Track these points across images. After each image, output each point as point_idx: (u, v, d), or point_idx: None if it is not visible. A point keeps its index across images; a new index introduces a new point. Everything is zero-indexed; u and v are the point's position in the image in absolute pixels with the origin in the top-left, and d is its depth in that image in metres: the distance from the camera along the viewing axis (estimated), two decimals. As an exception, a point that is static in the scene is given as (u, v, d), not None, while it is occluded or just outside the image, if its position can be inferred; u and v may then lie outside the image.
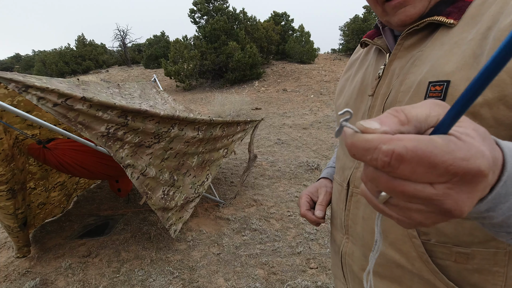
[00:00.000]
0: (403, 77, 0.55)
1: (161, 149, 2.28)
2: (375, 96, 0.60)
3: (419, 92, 0.50)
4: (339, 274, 0.75)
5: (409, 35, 0.56)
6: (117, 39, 29.87)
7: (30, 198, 2.61)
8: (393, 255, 0.56)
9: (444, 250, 0.50)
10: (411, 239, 0.52)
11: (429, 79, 0.49)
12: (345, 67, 0.81)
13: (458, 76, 0.46)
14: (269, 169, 4.39)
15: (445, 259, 0.51)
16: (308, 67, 16.64)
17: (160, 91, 4.01)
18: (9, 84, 1.57)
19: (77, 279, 2.21)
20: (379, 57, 0.65)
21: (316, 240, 2.57)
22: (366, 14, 20.48)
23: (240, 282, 2.11)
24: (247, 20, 17.05)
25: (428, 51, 0.53)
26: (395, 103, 0.55)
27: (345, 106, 0.69)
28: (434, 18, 0.52)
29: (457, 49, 0.48)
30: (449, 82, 0.47)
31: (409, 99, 0.52)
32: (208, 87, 15.58)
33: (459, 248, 0.49)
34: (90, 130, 1.83)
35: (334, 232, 0.76)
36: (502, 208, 0.31)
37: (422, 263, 0.52)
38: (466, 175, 0.22)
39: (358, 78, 0.69)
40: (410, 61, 0.55)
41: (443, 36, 0.52)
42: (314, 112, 9.10)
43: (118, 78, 19.67)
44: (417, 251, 0.52)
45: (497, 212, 0.31)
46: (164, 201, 2.29)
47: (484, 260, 0.48)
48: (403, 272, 0.55)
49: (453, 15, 0.51)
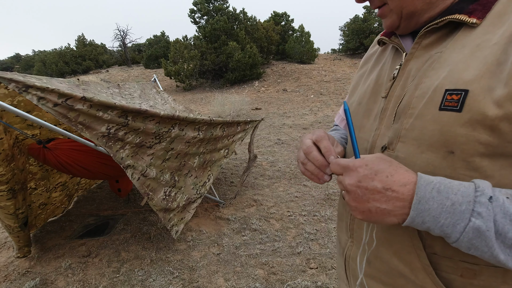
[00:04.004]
0: (418, 80, 0.51)
1: (162, 149, 2.28)
2: (388, 99, 0.57)
3: (434, 100, 0.46)
4: (342, 276, 0.75)
5: (428, 33, 0.52)
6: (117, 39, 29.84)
7: (31, 198, 2.61)
8: (396, 264, 0.55)
9: (450, 264, 0.49)
10: (416, 251, 0.51)
11: (446, 86, 0.45)
12: (360, 62, 0.76)
13: (478, 85, 0.42)
14: (269, 169, 4.39)
15: (451, 273, 0.49)
16: (308, 67, 16.63)
17: (160, 91, 4.01)
18: (9, 84, 1.57)
19: (77, 279, 2.21)
20: (395, 56, 0.61)
21: (316, 240, 2.57)
22: (366, 14, 20.46)
23: (240, 282, 2.12)
24: (247, 20, 17.04)
25: (447, 53, 0.48)
26: (408, 108, 0.51)
27: (358, 106, 0.66)
28: (454, 16, 0.47)
29: (479, 53, 0.43)
30: (468, 91, 0.42)
31: (423, 107, 0.48)
32: (208, 87, 15.58)
33: (466, 264, 0.47)
34: (91, 130, 1.83)
35: (340, 234, 0.75)
36: (430, 220, 0.42)
37: (425, 275, 0.51)
38: (345, 168, 0.49)
39: (373, 77, 0.65)
40: (427, 62, 0.51)
41: (465, 37, 0.47)
42: (314, 112, 9.10)
43: (118, 78, 19.66)
44: (421, 262, 0.51)
45: (429, 224, 0.42)
46: (166, 202, 2.29)
47: (492, 278, 0.47)
48: (406, 282, 0.54)
49: (476, 14, 0.46)
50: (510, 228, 0.38)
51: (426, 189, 0.42)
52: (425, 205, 0.42)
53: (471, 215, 0.39)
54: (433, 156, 0.47)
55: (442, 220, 0.41)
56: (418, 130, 0.49)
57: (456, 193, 0.41)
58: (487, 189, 0.40)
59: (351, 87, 0.75)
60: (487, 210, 0.39)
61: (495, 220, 0.39)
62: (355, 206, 0.47)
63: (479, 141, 0.42)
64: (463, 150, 0.43)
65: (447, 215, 0.41)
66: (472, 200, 0.40)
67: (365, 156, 0.48)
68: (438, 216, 0.41)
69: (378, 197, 0.44)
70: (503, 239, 0.39)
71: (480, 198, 0.39)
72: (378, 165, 0.45)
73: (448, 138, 0.44)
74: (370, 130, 0.60)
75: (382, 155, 0.47)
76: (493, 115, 0.40)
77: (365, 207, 0.46)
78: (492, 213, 0.39)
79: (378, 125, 0.58)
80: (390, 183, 0.44)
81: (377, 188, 0.44)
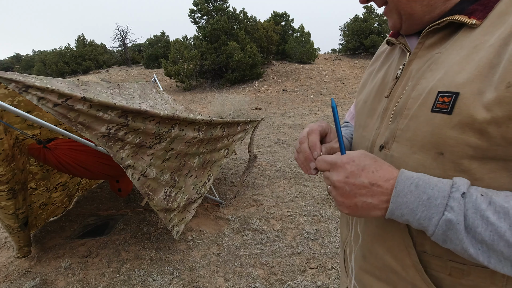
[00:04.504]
0: (416, 81, 0.51)
1: (162, 149, 2.28)
2: (390, 98, 0.57)
3: (428, 102, 0.47)
4: (343, 269, 0.77)
5: (430, 33, 0.52)
6: (117, 39, 29.84)
7: (31, 198, 2.61)
8: (389, 260, 0.56)
9: (439, 262, 0.50)
10: (407, 248, 0.52)
11: (439, 88, 0.45)
12: (371, 59, 0.76)
13: (469, 89, 0.42)
14: (269, 169, 4.39)
15: (440, 271, 0.50)
16: (308, 67, 16.63)
17: (160, 91, 4.01)
18: (9, 84, 1.57)
19: (77, 279, 2.21)
20: (401, 56, 0.61)
21: (316, 240, 2.57)
22: (366, 14, 20.47)
23: (240, 282, 2.12)
24: (247, 20, 17.04)
25: (446, 54, 0.48)
26: (404, 109, 0.52)
27: (364, 104, 0.67)
28: (454, 17, 0.47)
29: (475, 55, 0.43)
30: (458, 94, 0.42)
31: (417, 108, 0.49)
32: (208, 87, 15.58)
33: (454, 263, 0.48)
34: (91, 130, 1.83)
35: (341, 228, 0.78)
36: (407, 213, 0.44)
37: (415, 272, 0.52)
38: (333, 165, 0.51)
39: (380, 75, 0.66)
40: (427, 63, 0.51)
41: (464, 38, 0.46)
42: (314, 112, 9.10)
43: (118, 78, 19.66)
44: (411, 260, 0.52)
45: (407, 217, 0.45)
46: (166, 202, 2.29)
47: (480, 278, 0.47)
48: (398, 278, 0.55)
49: (476, 14, 0.45)
50: (480, 223, 0.40)
51: (405, 184, 0.44)
52: (404, 198, 0.44)
53: (444, 209, 0.41)
54: (424, 157, 0.48)
55: (419, 213, 0.43)
56: (411, 131, 0.49)
57: (433, 188, 0.43)
58: (462, 185, 0.41)
59: (360, 84, 0.76)
60: (459, 204, 0.40)
61: (465, 214, 0.40)
62: (341, 201, 0.49)
63: (468, 144, 0.42)
64: (453, 152, 0.44)
65: (423, 208, 0.43)
66: (447, 195, 0.41)
67: (350, 152, 0.50)
68: (415, 209, 0.43)
69: (364, 192, 0.46)
70: (474, 234, 0.40)
71: (455, 193, 0.41)
72: (364, 161, 0.48)
73: (438, 140, 0.45)
74: (372, 129, 0.61)
75: (365, 152, 0.50)
76: (482, 118, 0.40)
77: (352, 202, 0.48)
78: (463, 207, 0.40)
79: (379, 125, 0.58)
80: (376, 178, 0.46)
81: (364, 184, 0.46)
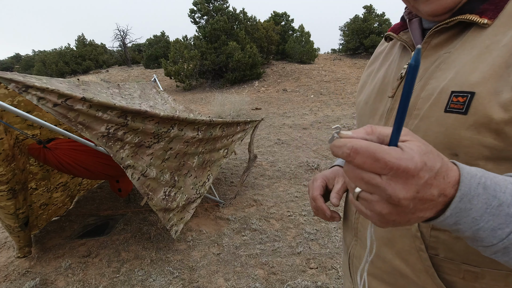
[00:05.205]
0: (425, 81, 0.50)
1: (161, 149, 2.28)
2: (395, 98, 0.56)
3: (440, 102, 0.45)
4: (347, 273, 0.75)
5: (437, 32, 0.50)
6: (117, 39, 29.87)
7: (31, 198, 2.61)
8: (398, 264, 0.54)
9: (452, 266, 0.48)
10: (418, 252, 0.51)
11: (452, 88, 0.44)
12: (369, 60, 0.75)
13: (484, 88, 0.40)
14: (269, 169, 4.39)
15: (453, 275, 0.49)
16: (308, 67, 16.63)
17: (160, 91, 4.01)
18: (9, 84, 1.57)
19: (77, 279, 2.21)
20: (403, 54, 0.59)
21: (316, 240, 2.57)
22: (366, 14, 20.48)
23: (240, 282, 2.12)
24: (247, 20, 17.05)
25: (456, 54, 0.47)
26: (413, 110, 0.50)
27: (365, 105, 0.66)
28: (465, 17, 0.46)
29: (488, 55, 0.42)
30: (474, 94, 0.41)
31: (428, 108, 0.47)
32: (208, 87, 15.58)
33: (468, 266, 0.47)
34: (91, 130, 1.83)
35: (345, 232, 0.75)
36: (467, 222, 0.33)
37: (427, 277, 0.50)
38: (398, 170, 0.29)
39: (380, 75, 0.64)
40: (435, 63, 0.50)
41: (474, 37, 0.46)
42: (314, 112, 9.10)
43: (118, 78, 19.66)
44: (423, 264, 0.50)
45: (463, 226, 0.34)
46: (166, 202, 2.29)
47: (494, 281, 0.46)
48: (408, 282, 0.54)
49: (487, 14, 0.44)
50: None
51: (471, 184, 0.33)
52: (467, 204, 0.33)
53: None
54: None
55: (482, 223, 0.33)
56: (422, 132, 0.48)
57: (505, 191, 0.33)
58: None
59: (359, 86, 0.75)
60: None
61: None
62: (392, 220, 0.32)
63: (483, 144, 0.41)
64: (467, 153, 0.43)
65: (489, 217, 0.33)
66: None
67: (409, 145, 0.31)
68: (479, 218, 0.33)
69: (427, 206, 0.32)
70: None
71: None
72: (435, 162, 0.31)
73: (452, 141, 0.44)
74: None
75: (425, 143, 0.33)
76: (499, 118, 0.39)
77: (405, 219, 0.32)
78: None
79: (383, 125, 0.57)
80: (445, 186, 0.32)
81: (433, 196, 0.31)
